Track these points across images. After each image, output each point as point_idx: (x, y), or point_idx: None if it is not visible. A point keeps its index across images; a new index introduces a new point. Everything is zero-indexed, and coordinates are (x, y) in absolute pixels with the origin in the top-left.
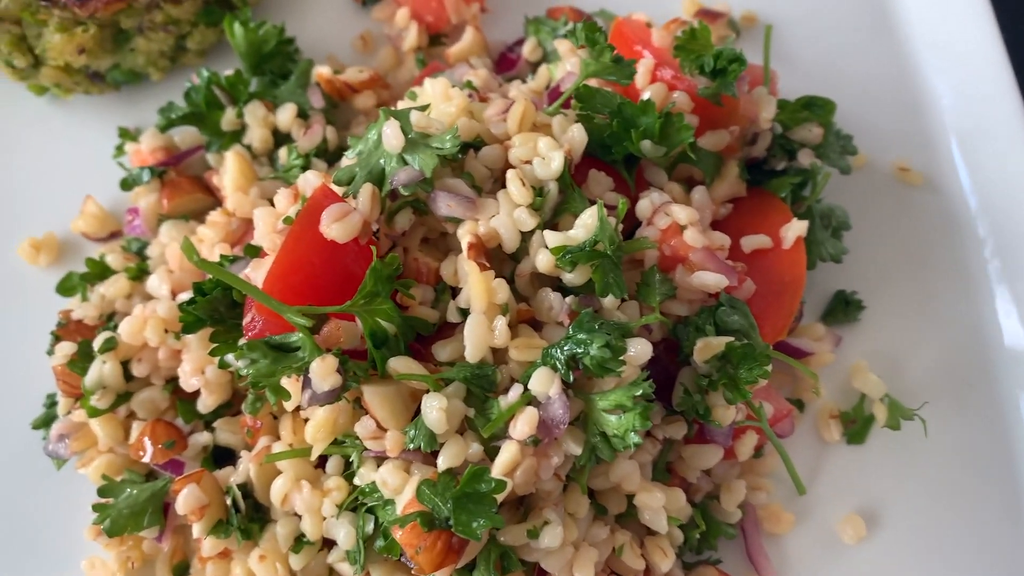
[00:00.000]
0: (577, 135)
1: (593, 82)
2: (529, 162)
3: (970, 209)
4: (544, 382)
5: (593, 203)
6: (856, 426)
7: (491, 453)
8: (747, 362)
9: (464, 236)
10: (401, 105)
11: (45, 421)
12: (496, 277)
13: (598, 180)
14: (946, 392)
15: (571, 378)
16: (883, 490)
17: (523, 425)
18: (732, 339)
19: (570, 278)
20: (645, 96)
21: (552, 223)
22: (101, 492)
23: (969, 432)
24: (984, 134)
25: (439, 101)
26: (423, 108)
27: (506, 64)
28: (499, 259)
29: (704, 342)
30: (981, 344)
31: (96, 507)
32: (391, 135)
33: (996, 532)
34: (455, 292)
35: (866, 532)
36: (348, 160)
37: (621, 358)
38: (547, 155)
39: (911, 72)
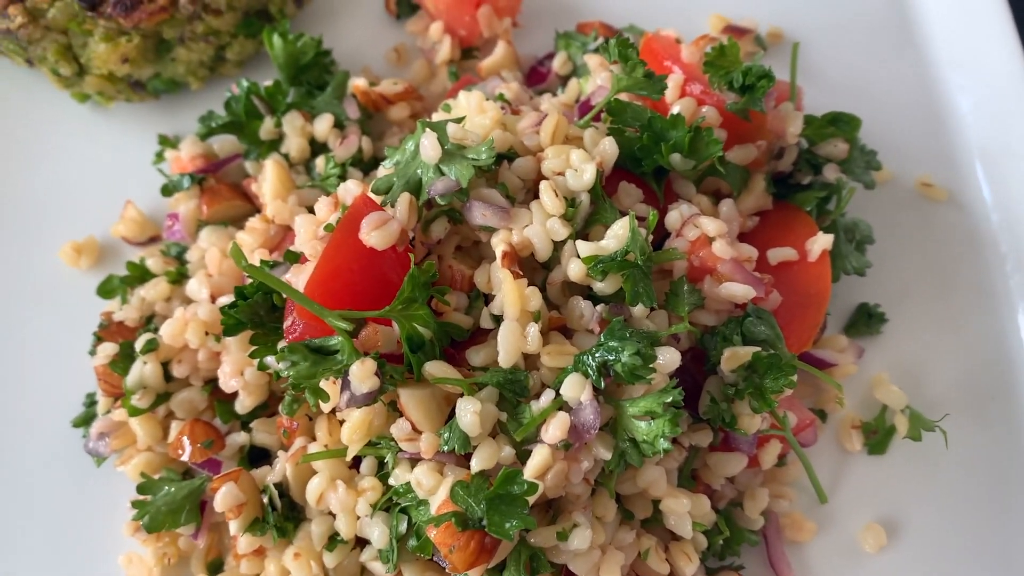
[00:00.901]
0: (608, 148)
1: (624, 96)
2: (562, 173)
3: (992, 224)
4: (576, 388)
5: (624, 214)
6: (877, 437)
7: (523, 456)
8: (773, 372)
9: (498, 245)
10: (436, 117)
11: (85, 419)
12: (529, 285)
13: (628, 192)
14: (967, 404)
15: (602, 384)
16: (904, 500)
17: (555, 430)
18: (758, 349)
19: (601, 287)
20: (675, 110)
21: (583, 233)
22: (140, 489)
23: (989, 444)
24: (1007, 151)
25: (474, 113)
26: (459, 120)
27: (536, 77)
28: (531, 268)
29: (731, 351)
30: (1002, 357)
31: (135, 504)
32: (429, 146)
33: (1016, 544)
34: (488, 299)
35: (886, 541)
36: (385, 170)
37: (651, 366)
38: (579, 167)
39: (935, 89)
